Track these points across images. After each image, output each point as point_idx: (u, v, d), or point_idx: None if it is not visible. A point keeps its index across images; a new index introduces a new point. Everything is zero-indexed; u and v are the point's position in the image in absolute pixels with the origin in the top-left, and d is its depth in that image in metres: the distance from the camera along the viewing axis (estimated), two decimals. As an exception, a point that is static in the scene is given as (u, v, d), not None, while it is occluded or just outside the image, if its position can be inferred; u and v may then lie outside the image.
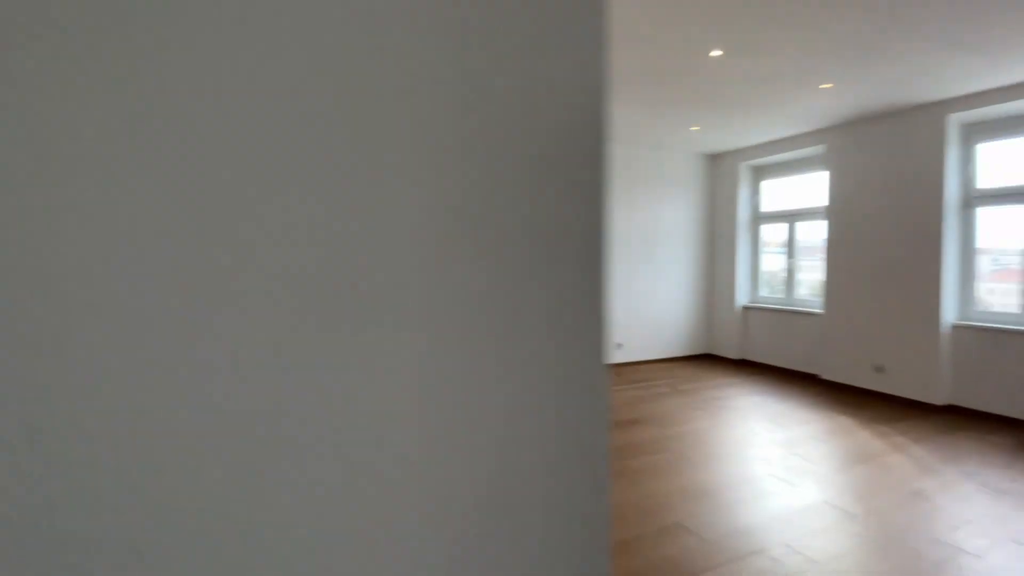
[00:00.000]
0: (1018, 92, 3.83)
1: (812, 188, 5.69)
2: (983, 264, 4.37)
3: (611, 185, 4.97)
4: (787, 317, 5.82)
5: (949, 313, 4.38)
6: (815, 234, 5.62)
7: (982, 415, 4.16)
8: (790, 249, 5.94)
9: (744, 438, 3.69)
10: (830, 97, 4.25)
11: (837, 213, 5.14)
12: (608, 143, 0.53)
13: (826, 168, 5.23)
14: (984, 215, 4.31)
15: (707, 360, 6.45)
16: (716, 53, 3.38)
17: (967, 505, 2.69)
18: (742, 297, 6.35)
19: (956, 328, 4.35)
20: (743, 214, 6.32)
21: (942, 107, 4.29)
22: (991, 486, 2.90)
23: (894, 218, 4.66)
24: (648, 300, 6.23)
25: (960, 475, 3.05)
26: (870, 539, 2.37)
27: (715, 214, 6.60)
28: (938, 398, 4.39)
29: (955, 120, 4.29)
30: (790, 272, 5.96)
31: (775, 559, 2.20)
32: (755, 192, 6.33)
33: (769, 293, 6.27)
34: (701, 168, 6.58)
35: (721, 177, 6.50)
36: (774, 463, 3.25)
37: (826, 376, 5.29)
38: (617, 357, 6.04)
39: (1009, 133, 4.12)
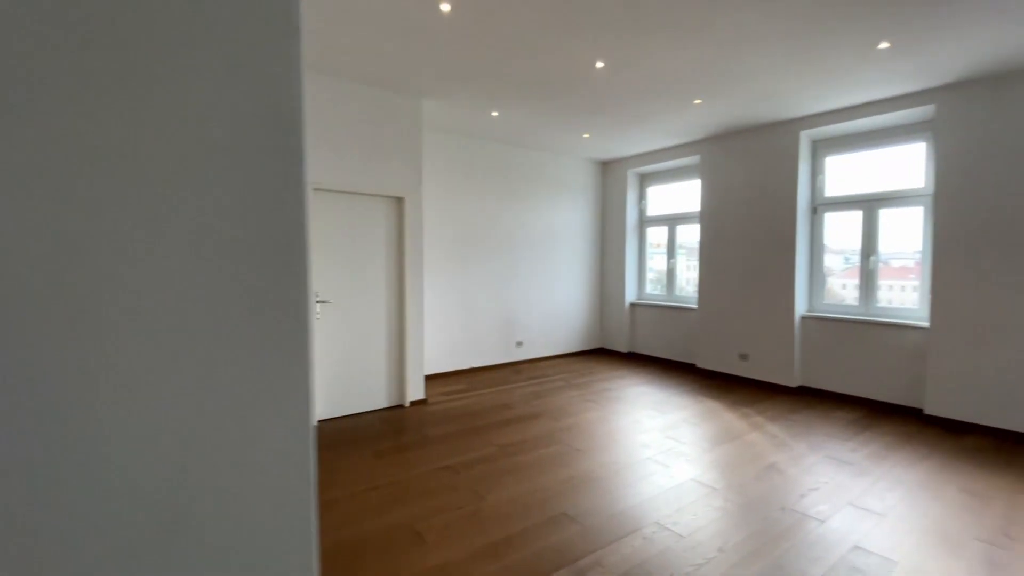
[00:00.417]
0: (857, 112, 4.46)
1: (690, 194, 6.20)
2: (836, 262, 5.03)
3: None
4: (669, 312, 6.30)
5: (801, 306, 5.00)
6: (692, 236, 6.14)
7: (828, 394, 4.78)
8: (670, 250, 6.43)
9: (628, 426, 3.89)
10: (702, 112, 4.65)
11: (709, 218, 5.64)
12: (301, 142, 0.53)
13: (700, 177, 5.73)
14: (830, 220, 4.98)
15: (600, 354, 6.76)
16: (600, 65, 3.54)
17: (813, 475, 3.04)
18: (631, 295, 6.76)
19: (805, 319, 4.97)
20: (631, 218, 6.73)
21: (796, 124, 4.88)
22: (834, 457, 3.32)
23: (756, 222, 5.21)
24: (546, 299, 6.39)
25: (808, 448, 3.46)
26: (729, 511, 2.59)
27: (607, 217, 6.96)
28: (792, 381, 4.98)
29: (806, 136, 4.90)
30: (671, 271, 6.45)
31: (646, 537, 2.31)
32: (642, 197, 6.78)
33: (654, 291, 6.73)
34: (594, 173, 6.90)
35: (612, 182, 6.87)
36: (653, 447, 3.45)
37: (701, 365, 5.79)
38: (518, 355, 6.12)
39: (851, 148, 4.79)
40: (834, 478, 2.99)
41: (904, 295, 4.52)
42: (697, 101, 4.35)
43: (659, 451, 3.38)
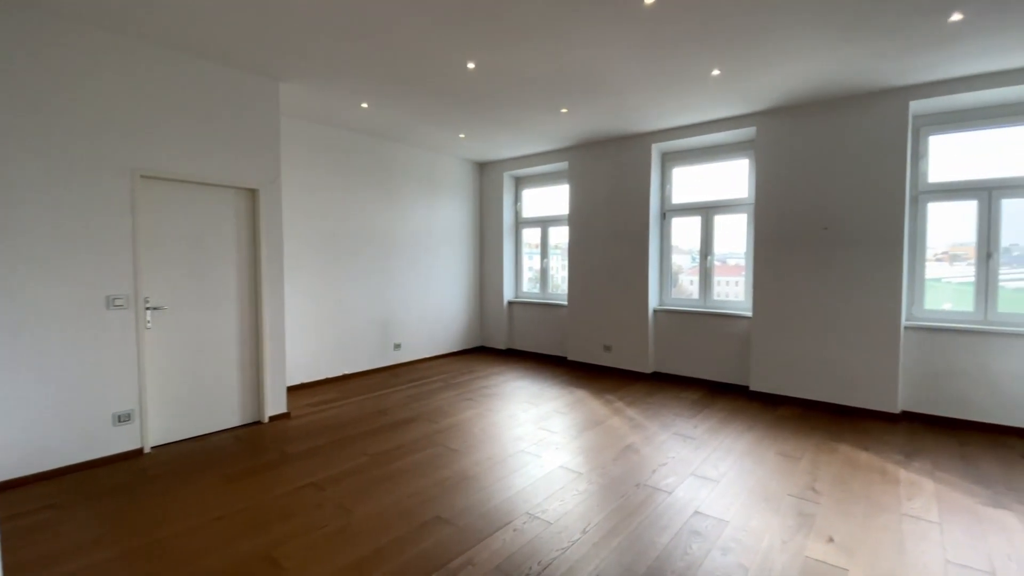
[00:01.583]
0: (697, 130, 5.05)
1: (560, 198, 6.55)
2: (683, 261, 5.65)
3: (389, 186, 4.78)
4: (543, 309, 6.59)
5: (654, 300, 5.55)
6: (563, 238, 6.49)
7: (677, 378, 5.37)
8: (544, 250, 6.74)
9: (504, 421, 3.97)
10: (569, 121, 4.93)
11: (576, 220, 6.02)
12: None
13: (569, 182, 6.08)
14: (676, 224, 5.58)
15: (480, 352, 6.84)
16: (471, 66, 3.55)
17: (663, 451, 3.38)
18: (509, 293, 6.94)
19: (657, 312, 5.53)
20: (508, 219, 6.91)
21: (648, 138, 5.39)
22: (680, 433, 3.73)
23: (616, 225, 5.68)
24: (426, 299, 6.28)
25: (659, 428, 3.84)
26: (592, 493, 2.77)
27: (485, 218, 7.06)
28: (647, 367, 5.51)
29: (657, 148, 5.44)
30: (544, 271, 6.76)
31: (517, 529, 2.37)
32: (517, 199, 6.99)
33: (531, 289, 7.00)
34: (472, 174, 6.95)
35: (489, 184, 6.98)
36: (526, 439, 3.56)
37: (571, 357, 6.15)
38: (396, 357, 5.92)
39: (692, 161, 5.42)
40: (679, 453, 3.35)
41: (734, 289, 5.26)
42: (564, 110, 4.59)
43: (532, 443, 3.50)
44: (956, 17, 2.78)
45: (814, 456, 3.29)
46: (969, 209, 3.97)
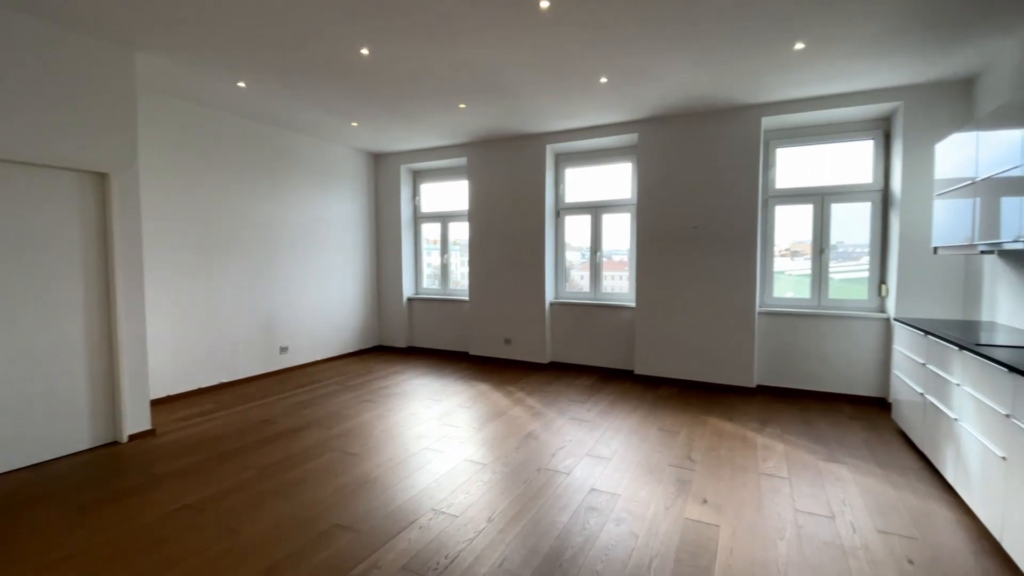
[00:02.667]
0: (587, 133, 5.34)
1: (460, 194, 6.54)
2: (575, 257, 5.95)
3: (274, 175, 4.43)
4: (444, 305, 6.55)
5: (550, 294, 5.79)
6: (464, 233, 6.49)
7: (572, 366, 5.67)
8: (444, 246, 6.69)
9: (405, 420, 3.89)
10: (467, 116, 4.93)
11: (476, 216, 6.06)
12: None
13: (468, 178, 6.10)
14: (570, 221, 5.86)
15: (379, 352, 6.61)
16: (365, 52, 3.40)
17: (561, 436, 3.55)
18: (408, 290, 6.79)
19: (553, 305, 5.79)
20: (406, 213, 6.74)
21: (543, 138, 5.59)
22: (576, 418, 3.94)
23: (515, 222, 5.82)
24: (316, 298, 5.90)
25: (557, 414, 4.03)
26: (496, 482, 2.83)
27: (381, 212, 6.81)
28: (545, 358, 5.75)
29: (551, 149, 5.66)
30: (445, 266, 6.72)
31: (423, 527, 2.35)
32: (416, 194, 6.85)
33: (431, 285, 6.90)
34: (366, 165, 6.66)
35: (385, 177, 6.74)
36: (429, 436, 3.53)
37: (473, 352, 6.20)
38: (283, 362, 5.49)
39: (585, 162, 5.72)
40: (576, 435, 3.56)
41: (619, 283, 5.68)
42: (462, 105, 4.58)
43: (435, 439, 3.48)
44: (799, 46, 3.27)
45: (689, 429, 3.68)
46: (806, 212, 4.70)
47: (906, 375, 3.36)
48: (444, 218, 6.68)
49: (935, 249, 3.47)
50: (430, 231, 6.88)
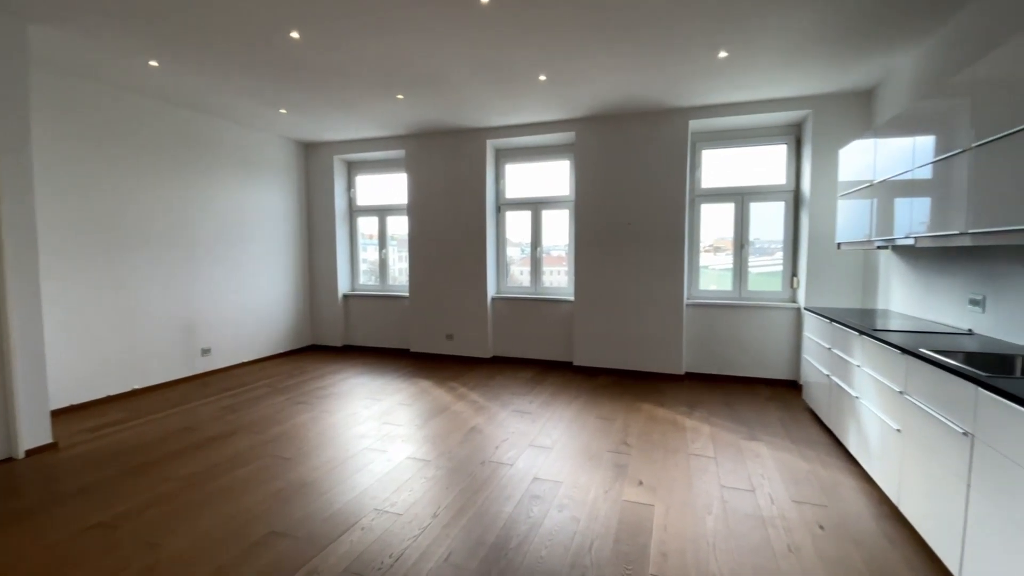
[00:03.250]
0: (526, 130, 5.38)
1: (398, 187, 6.39)
2: (515, 253, 5.99)
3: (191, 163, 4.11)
4: (383, 302, 6.39)
5: (492, 289, 5.81)
6: (403, 228, 6.35)
7: (514, 360, 5.73)
8: (382, 240, 6.52)
9: (343, 421, 3.77)
10: (405, 108, 4.81)
11: (416, 211, 5.96)
12: None
13: (407, 171, 5.96)
14: (511, 218, 5.90)
15: (313, 352, 6.33)
16: (295, 35, 3.22)
17: (504, 428, 3.59)
18: (344, 286, 6.55)
19: (495, 300, 5.82)
20: (340, 206, 6.49)
21: (484, 133, 5.57)
22: (519, 410, 3.99)
23: (456, 217, 5.78)
24: (242, 296, 5.54)
25: (500, 407, 4.06)
26: (440, 478, 2.81)
27: (313, 205, 6.51)
28: (487, 352, 5.77)
29: (492, 144, 5.66)
30: (383, 262, 6.55)
31: (365, 527, 2.29)
32: (351, 186, 6.60)
33: (368, 281, 6.70)
34: (296, 155, 6.33)
35: (317, 167, 6.44)
36: (370, 436, 3.44)
37: (414, 349, 6.11)
38: (205, 365, 5.12)
39: (525, 159, 5.76)
40: (518, 427, 3.61)
41: (559, 278, 5.81)
42: (400, 96, 4.47)
43: (376, 439, 3.40)
44: (723, 54, 3.48)
45: (625, 416, 3.84)
46: (728, 211, 5.04)
47: (814, 359, 3.70)
48: (382, 211, 6.50)
49: (839, 245, 3.84)
50: (367, 225, 6.67)
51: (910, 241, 2.70)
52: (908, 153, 2.72)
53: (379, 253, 6.55)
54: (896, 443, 2.33)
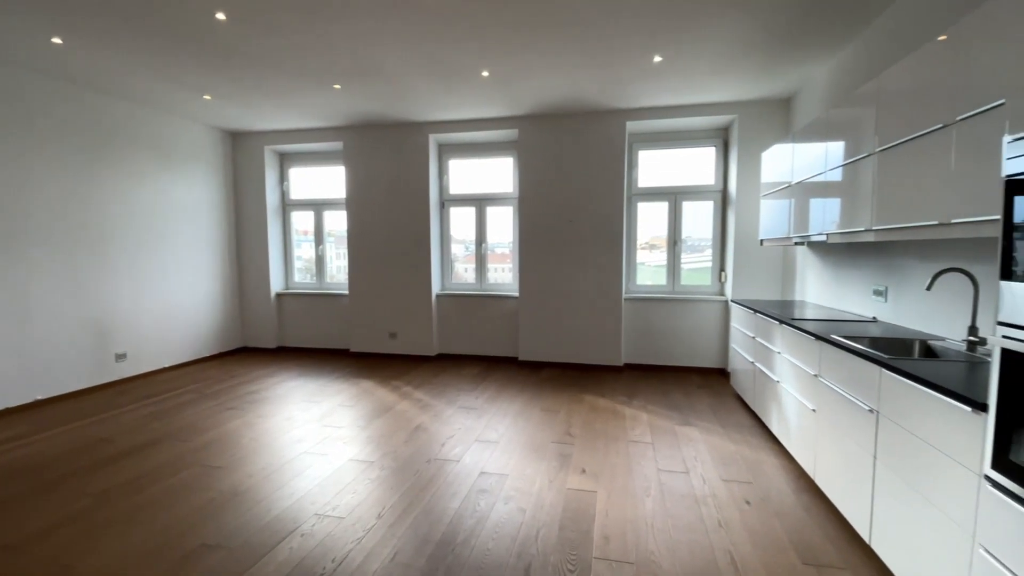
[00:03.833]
0: (469, 126, 5.35)
1: (336, 180, 6.15)
2: (459, 249, 5.95)
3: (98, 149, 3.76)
4: (320, 300, 6.14)
5: (436, 286, 5.74)
6: (341, 224, 6.13)
7: (460, 357, 5.70)
8: (319, 237, 6.26)
9: (279, 426, 3.60)
10: (342, 98, 4.64)
11: (355, 206, 5.77)
12: None
13: (345, 164, 5.76)
14: (455, 214, 5.85)
15: (243, 354, 5.98)
16: (221, 16, 3.02)
17: (450, 425, 3.57)
18: (277, 284, 6.23)
19: (439, 297, 5.76)
20: (272, 200, 6.16)
21: (426, 127, 5.48)
22: (464, 406, 3.98)
23: (398, 213, 5.65)
24: (162, 296, 5.13)
25: (445, 404, 4.04)
26: (384, 478, 2.76)
27: (242, 198, 6.13)
28: (432, 350, 5.71)
29: (434, 139, 5.58)
30: (320, 259, 6.29)
31: (305, 534, 2.21)
32: (284, 179, 6.28)
33: (303, 279, 6.41)
34: (222, 145, 5.93)
35: (246, 158, 6.07)
36: (308, 440, 3.31)
37: (355, 348, 5.93)
38: (121, 371, 4.70)
39: (468, 155, 5.72)
40: (464, 423, 3.60)
41: (503, 275, 5.84)
42: (337, 86, 4.31)
43: (315, 442, 3.27)
44: (658, 59, 3.63)
45: (568, 407, 3.94)
46: (662, 209, 5.27)
47: (740, 347, 3.97)
48: (318, 206, 6.24)
49: (761, 241, 4.13)
50: (301, 220, 6.38)
51: (823, 237, 2.96)
52: (821, 157, 2.98)
53: (315, 249, 6.29)
54: (812, 422, 2.55)
